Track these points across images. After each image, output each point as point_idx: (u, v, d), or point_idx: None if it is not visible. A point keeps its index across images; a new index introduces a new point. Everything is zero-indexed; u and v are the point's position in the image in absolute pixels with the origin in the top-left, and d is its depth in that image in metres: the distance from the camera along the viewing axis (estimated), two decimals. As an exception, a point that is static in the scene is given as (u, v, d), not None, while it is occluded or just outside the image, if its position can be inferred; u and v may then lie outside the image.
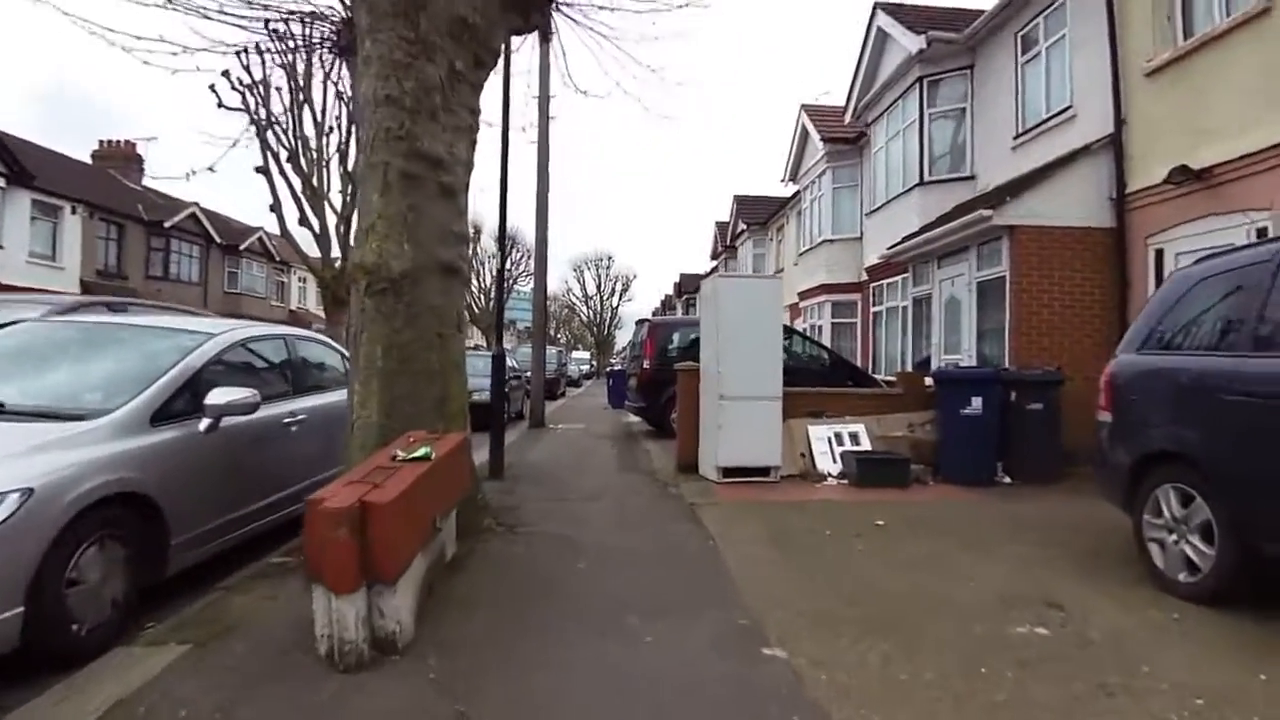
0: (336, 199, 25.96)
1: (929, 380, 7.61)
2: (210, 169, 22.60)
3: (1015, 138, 9.55)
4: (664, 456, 8.57)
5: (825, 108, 17.04)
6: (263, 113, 23.91)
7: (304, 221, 25.24)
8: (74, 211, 21.96)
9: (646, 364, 10.56)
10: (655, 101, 31.98)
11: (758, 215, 24.65)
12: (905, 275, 11.39)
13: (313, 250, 23.72)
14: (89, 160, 28.51)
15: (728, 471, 6.49)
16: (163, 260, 25.79)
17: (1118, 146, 7.68)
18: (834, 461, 6.93)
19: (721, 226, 30.64)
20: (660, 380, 10.42)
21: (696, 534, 4.83)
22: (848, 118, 14.26)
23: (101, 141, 29.47)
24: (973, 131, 10.71)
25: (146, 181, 27.82)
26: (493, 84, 5.58)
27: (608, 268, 61.40)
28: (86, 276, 22.44)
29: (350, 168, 25.93)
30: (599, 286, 61.58)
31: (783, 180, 18.90)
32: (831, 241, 15.58)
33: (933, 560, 4.19)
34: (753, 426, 6.45)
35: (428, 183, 4.37)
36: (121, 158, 29.12)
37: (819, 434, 7.05)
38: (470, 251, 49.70)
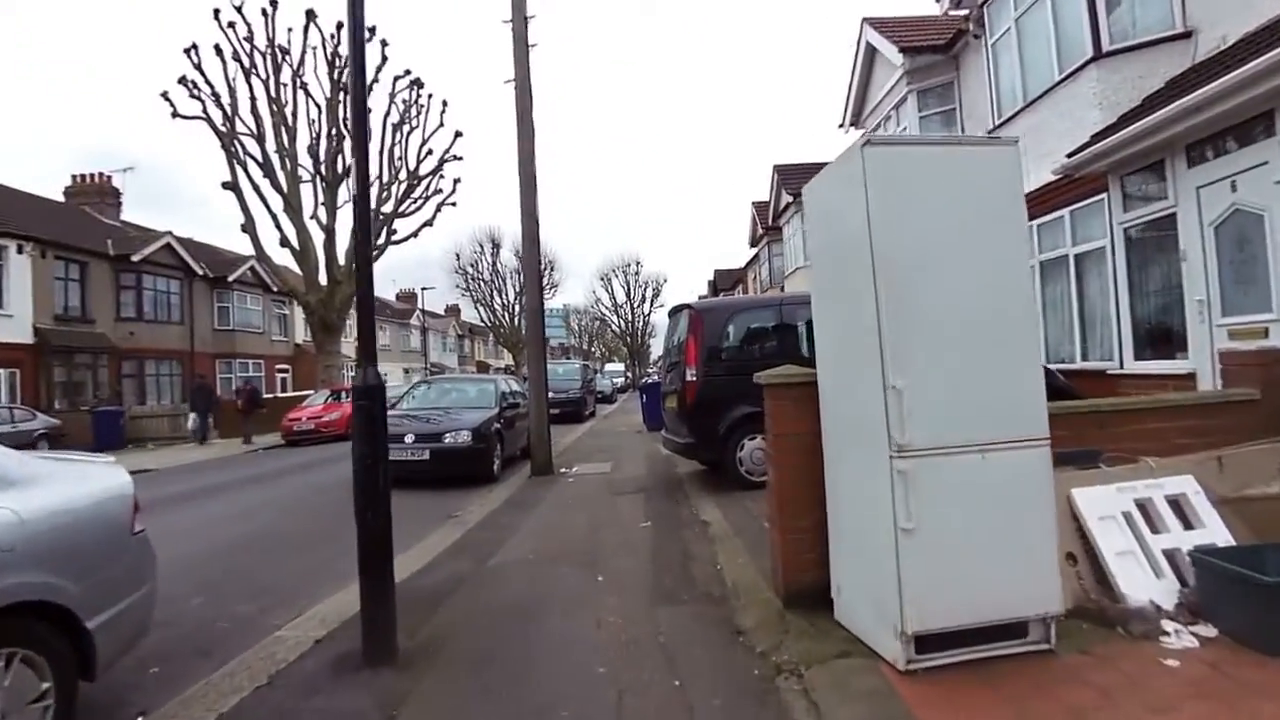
0: (319, 213, 23.02)
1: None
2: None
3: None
4: (738, 547, 4.70)
5: (896, 18, 13.04)
6: (222, 118, 21.20)
7: (285, 242, 22.36)
8: (21, 250, 19.22)
9: (692, 375, 6.68)
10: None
11: (804, 184, 20.60)
12: (1091, 202, 7.27)
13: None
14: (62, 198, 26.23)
15: (929, 643, 2.58)
16: (135, 299, 23.02)
17: None
18: (1150, 570, 2.98)
19: (760, 208, 26.64)
20: (717, 400, 6.57)
21: None
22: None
23: (74, 176, 27.16)
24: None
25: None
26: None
27: (636, 273, 57.76)
28: (42, 323, 19.69)
29: (330, 174, 22.90)
30: (629, 294, 57.95)
31: (841, 126, 14.91)
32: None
33: None
34: (989, 519, 2.55)
35: None
36: (96, 192, 26.73)
37: (1104, 506, 3.10)
38: (490, 264, 46.91)
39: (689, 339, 6.82)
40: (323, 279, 21.68)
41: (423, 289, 40.22)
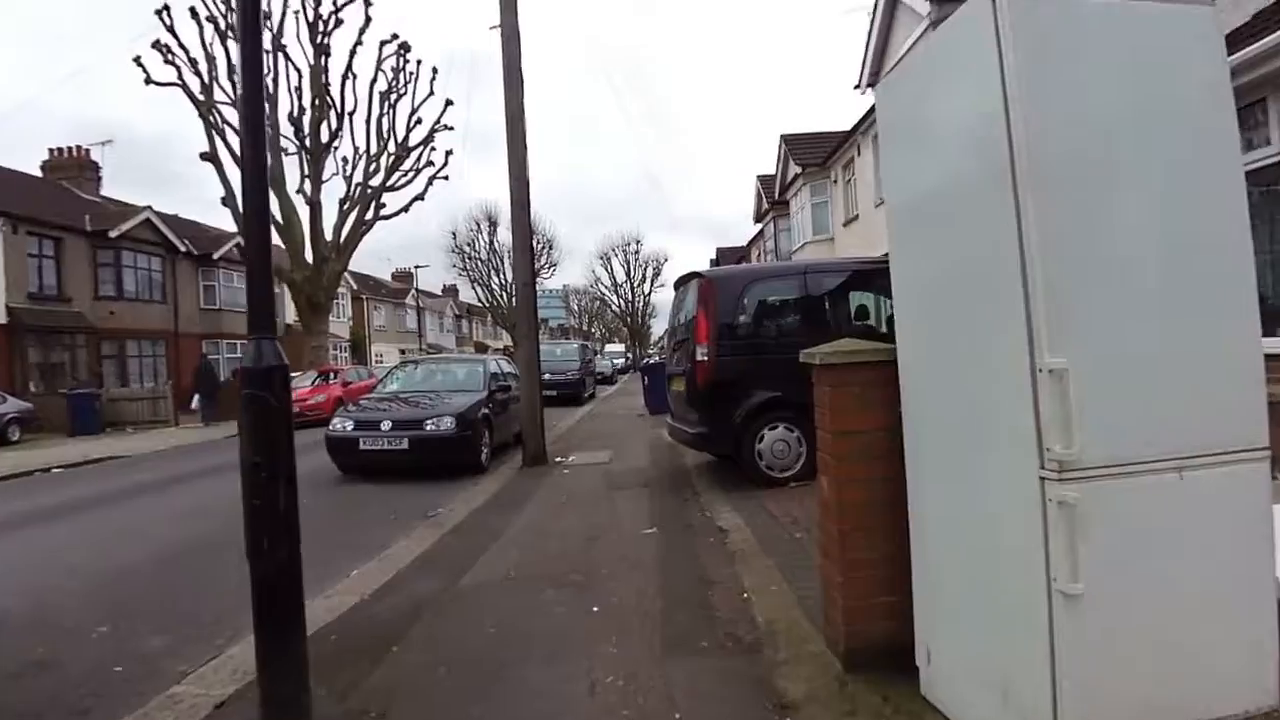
0: (304, 186, 21.94)
1: None
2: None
3: None
4: (768, 568, 3.81)
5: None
6: (199, 85, 20.07)
7: (274, 222, 21.35)
8: (-11, 226, 18.25)
9: (703, 354, 5.75)
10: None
11: (814, 155, 19.56)
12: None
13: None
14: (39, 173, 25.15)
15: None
16: (114, 277, 22.02)
17: None
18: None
19: (766, 181, 25.52)
20: (732, 383, 5.66)
21: None
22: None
23: (51, 150, 26.05)
24: None
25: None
26: None
27: (636, 252, 56.62)
28: (15, 302, 18.75)
29: (314, 145, 21.75)
30: (629, 273, 56.87)
31: (858, 87, 13.84)
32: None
33: None
34: (1189, 570, 1.65)
35: None
36: (74, 167, 25.63)
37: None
38: (488, 243, 45.78)
39: (699, 312, 5.88)
40: (309, 255, 20.70)
41: (416, 267, 39.15)
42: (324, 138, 19.71)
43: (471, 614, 3.47)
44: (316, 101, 19.92)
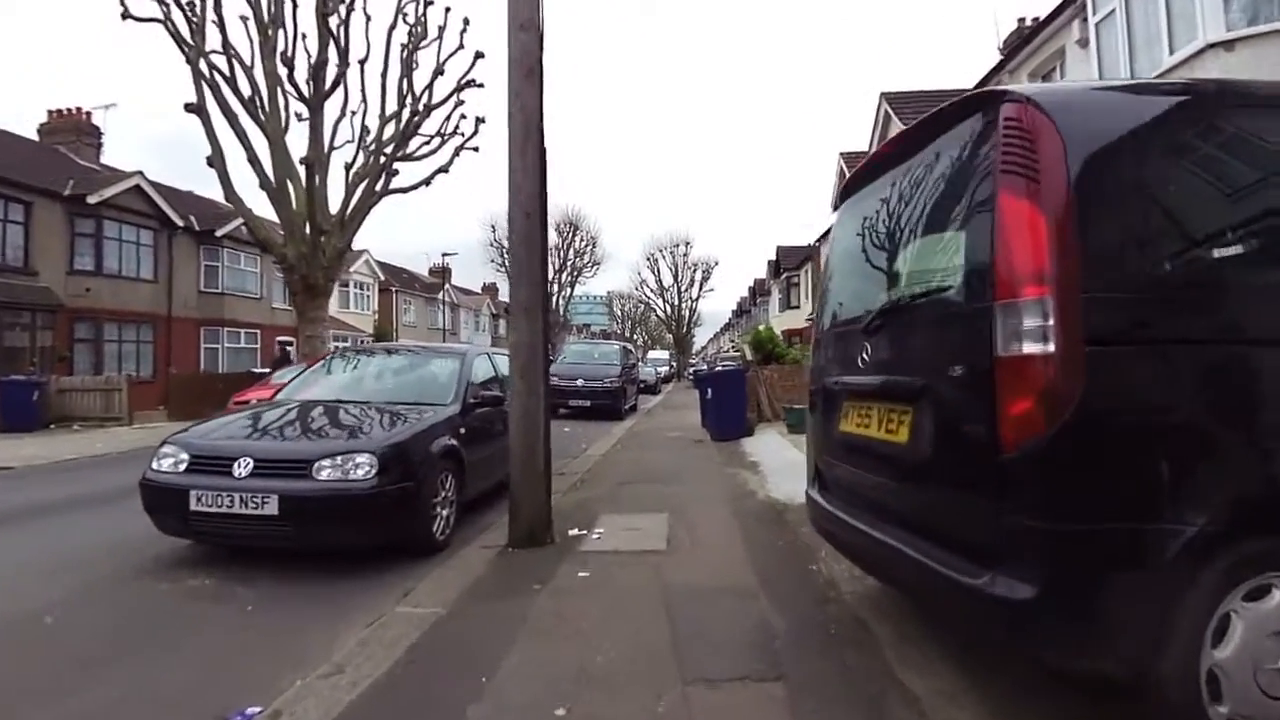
0: (300, 144, 18.61)
1: None
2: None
3: None
4: None
5: None
6: (188, 27, 16.99)
7: (264, 183, 18.17)
8: (-63, 181, 15.51)
9: (1043, 345, 1.70)
10: None
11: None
12: None
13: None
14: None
15: None
16: (93, 249, 19.21)
17: None
18: None
19: (850, 159, 21.32)
20: (1136, 441, 1.64)
21: None
22: None
23: (50, 112, 23.69)
24: None
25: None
26: None
27: (685, 254, 52.82)
28: (-36, 272, 15.99)
29: (315, 92, 18.13)
30: (676, 276, 53.08)
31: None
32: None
33: None
34: None
35: None
36: (72, 130, 23.18)
37: None
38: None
39: (1005, 224, 1.84)
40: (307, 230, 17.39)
41: (444, 255, 36.15)
42: (325, 83, 16.38)
43: None
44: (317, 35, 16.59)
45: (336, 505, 3.94)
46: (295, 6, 16.43)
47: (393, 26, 17.74)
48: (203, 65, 16.08)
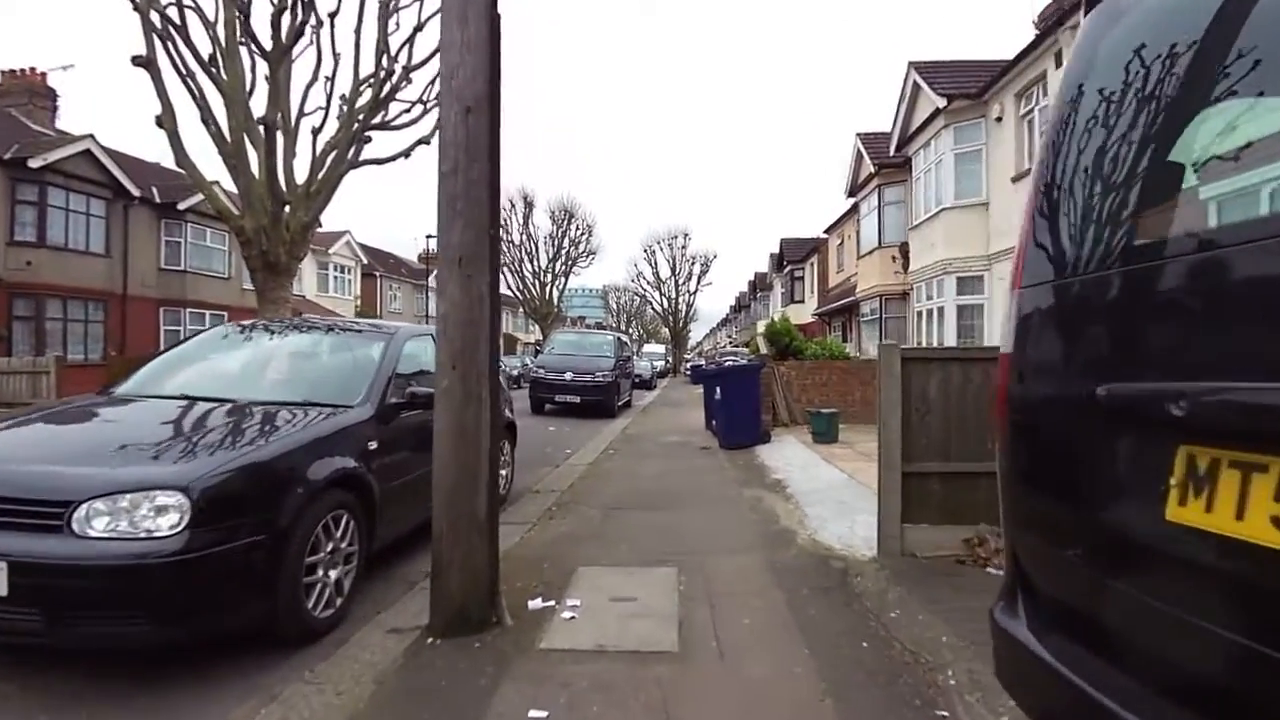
0: (260, 103, 16.60)
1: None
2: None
3: None
4: None
5: None
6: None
7: (220, 146, 16.33)
8: None
9: None
10: None
11: (964, 83, 13.71)
12: None
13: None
14: None
15: None
16: (35, 219, 17.36)
17: None
18: None
19: (870, 140, 19.64)
20: None
21: None
22: None
23: (3, 72, 21.74)
24: None
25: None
26: None
27: (683, 246, 51.06)
28: (-120, 238, 14.17)
29: (274, 44, 15.81)
30: (674, 269, 51.33)
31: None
32: None
33: None
34: None
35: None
36: (24, 92, 21.23)
37: None
38: (521, 225, 40.80)
39: None
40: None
41: (428, 237, 34.25)
42: (284, 31, 14.54)
43: None
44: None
45: (115, 581, 2.27)
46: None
47: (369, -25, 15.89)
48: (154, 15, 14.29)
